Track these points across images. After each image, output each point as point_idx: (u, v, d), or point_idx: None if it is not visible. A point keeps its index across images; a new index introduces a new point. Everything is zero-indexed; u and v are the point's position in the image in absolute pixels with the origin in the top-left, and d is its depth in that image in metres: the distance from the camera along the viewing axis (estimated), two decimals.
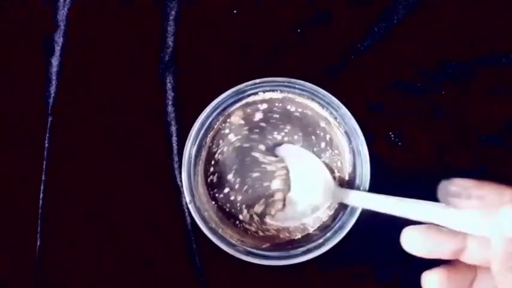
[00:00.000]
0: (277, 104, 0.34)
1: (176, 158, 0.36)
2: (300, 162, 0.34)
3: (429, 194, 0.35)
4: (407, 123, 0.36)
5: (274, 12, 0.36)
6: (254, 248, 0.32)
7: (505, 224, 0.22)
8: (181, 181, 0.34)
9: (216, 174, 0.34)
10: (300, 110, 0.34)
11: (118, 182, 0.36)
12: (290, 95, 0.34)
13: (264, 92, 0.34)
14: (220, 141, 0.34)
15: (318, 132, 0.34)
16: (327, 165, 0.34)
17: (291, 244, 0.33)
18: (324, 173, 0.33)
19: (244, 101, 0.34)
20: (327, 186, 0.33)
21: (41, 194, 0.36)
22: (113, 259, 0.35)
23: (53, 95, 0.36)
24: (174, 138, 0.36)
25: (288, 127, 0.34)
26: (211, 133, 0.34)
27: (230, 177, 0.34)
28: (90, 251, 0.35)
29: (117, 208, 0.35)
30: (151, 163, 0.36)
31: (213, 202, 0.34)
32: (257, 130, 0.34)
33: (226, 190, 0.34)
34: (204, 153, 0.34)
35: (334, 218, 0.33)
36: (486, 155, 0.35)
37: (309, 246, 0.32)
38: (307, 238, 0.33)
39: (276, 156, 0.34)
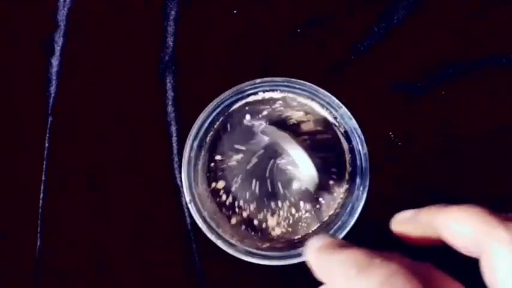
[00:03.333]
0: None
1: (176, 158, 0.36)
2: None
3: (429, 194, 0.35)
4: (407, 123, 0.36)
5: (274, 12, 0.36)
6: (254, 248, 0.32)
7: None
8: (181, 181, 0.34)
9: (216, 174, 0.34)
10: None
11: (118, 182, 0.36)
12: (290, 95, 0.34)
13: (264, 92, 0.34)
14: (220, 141, 0.34)
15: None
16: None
17: (291, 244, 0.33)
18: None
19: (244, 101, 0.34)
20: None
21: (41, 194, 0.36)
22: (113, 259, 0.35)
23: (53, 95, 0.36)
24: (174, 138, 0.36)
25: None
26: (212, 133, 0.34)
27: (231, 176, 0.34)
28: (90, 251, 0.35)
29: (117, 208, 0.35)
30: (151, 163, 0.36)
31: (213, 202, 0.34)
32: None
33: (227, 190, 0.34)
34: (204, 153, 0.34)
35: (334, 218, 0.33)
36: (487, 155, 0.35)
37: None
38: (307, 238, 0.33)
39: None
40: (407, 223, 0.28)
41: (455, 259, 0.25)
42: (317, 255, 0.25)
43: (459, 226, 0.24)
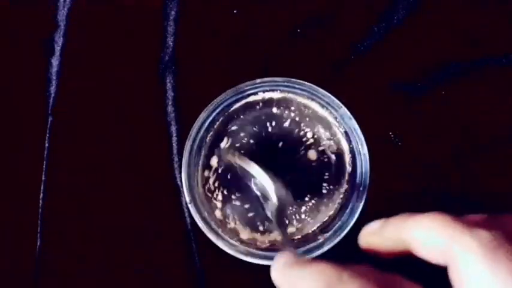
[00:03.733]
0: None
1: (176, 158, 0.36)
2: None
3: (429, 194, 0.35)
4: (407, 123, 0.36)
5: (274, 12, 0.36)
6: (254, 248, 0.32)
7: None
8: (181, 181, 0.34)
9: (216, 174, 0.34)
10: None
11: (118, 182, 0.36)
12: (290, 95, 0.34)
13: (264, 92, 0.34)
14: (220, 141, 0.34)
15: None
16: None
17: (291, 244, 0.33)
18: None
19: (244, 101, 0.34)
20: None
21: (41, 194, 0.36)
22: (113, 259, 0.35)
23: (53, 95, 0.36)
24: (174, 138, 0.36)
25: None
26: (211, 133, 0.34)
27: (231, 177, 0.34)
28: (90, 251, 0.35)
29: (117, 208, 0.35)
30: (151, 163, 0.36)
31: (213, 202, 0.34)
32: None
33: (227, 190, 0.34)
34: (204, 153, 0.34)
35: (334, 218, 0.33)
36: (487, 155, 0.35)
37: (309, 246, 0.32)
38: (307, 238, 0.33)
39: None
40: (374, 236, 0.27)
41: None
42: (283, 271, 0.25)
43: (425, 235, 0.24)
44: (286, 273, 0.24)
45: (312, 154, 0.34)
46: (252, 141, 0.34)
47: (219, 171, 0.34)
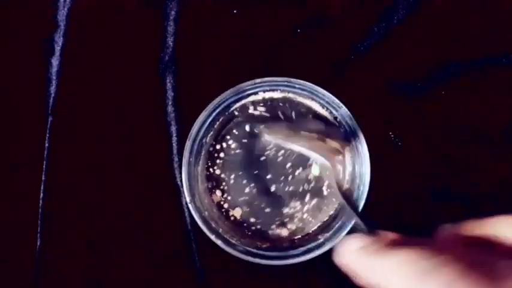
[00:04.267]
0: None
1: (176, 158, 0.36)
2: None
3: (429, 194, 0.35)
4: (407, 123, 0.36)
5: (274, 13, 0.36)
6: (254, 248, 0.32)
7: None
8: (181, 181, 0.34)
9: (216, 174, 0.34)
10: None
11: (118, 181, 0.36)
12: (290, 95, 0.34)
13: (264, 91, 0.34)
14: (221, 141, 0.34)
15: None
16: None
17: (291, 244, 0.33)
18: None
19: (244, 101, 0.34)
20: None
21: (41, 194, 0.36)
22: (113, 259, 0.35)
23: (53, 95, 0.36)
24: (174, 138, 0.36)
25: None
26: (212, 133, 0.34)
27: (231, 176, 0.34)
28: (90, 251, 0.35)
29: (117, 208, 0.35)
30: (151, 163, 0.36)
31: (213, 202, 0.34)
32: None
33: (227, 190, 0.34)
34: (204, 153, 0.34)
35: (334, 218, 0.33)
36: (486, 155, 0.35)
37: (309, 246, 0.32)
38: (307, 238, 0.33)
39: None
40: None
41: None
42: (360, 258, 0.23)
43: None
44: (368, 260, 0.23)
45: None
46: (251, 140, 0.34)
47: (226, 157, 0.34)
